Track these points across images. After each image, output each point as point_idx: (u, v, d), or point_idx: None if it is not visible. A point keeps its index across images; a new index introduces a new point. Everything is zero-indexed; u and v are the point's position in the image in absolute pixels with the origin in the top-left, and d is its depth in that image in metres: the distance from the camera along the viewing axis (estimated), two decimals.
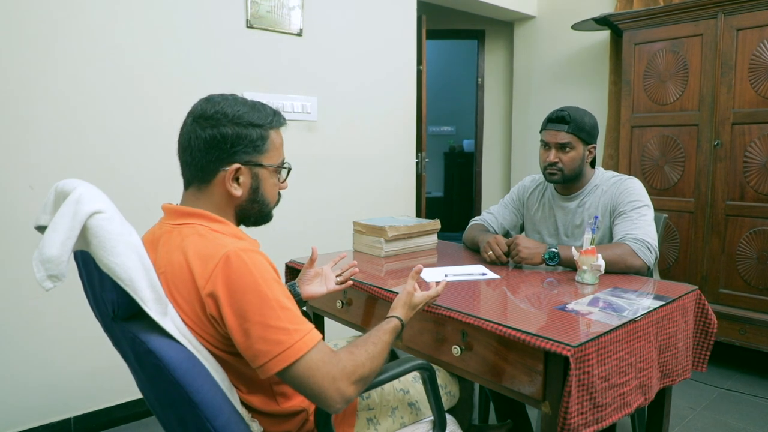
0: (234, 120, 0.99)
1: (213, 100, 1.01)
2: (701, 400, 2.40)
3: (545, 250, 1.66)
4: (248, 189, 1.03)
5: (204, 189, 1.02)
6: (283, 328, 0.88)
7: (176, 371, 0.85)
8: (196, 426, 0.88)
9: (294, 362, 0.87)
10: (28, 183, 1.94)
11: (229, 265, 0.89)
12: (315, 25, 2.67)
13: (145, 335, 0.86)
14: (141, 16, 2.14)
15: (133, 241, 0.84)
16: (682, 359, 1.42)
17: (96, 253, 0.82)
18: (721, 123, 2.61)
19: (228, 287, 0.88)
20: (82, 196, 0.81)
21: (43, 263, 0.77)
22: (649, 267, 1.65)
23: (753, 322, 2.50)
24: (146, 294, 0.84)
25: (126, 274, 0.82)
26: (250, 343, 0.88)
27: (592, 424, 1.11)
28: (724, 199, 2.62)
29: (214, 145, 0.98)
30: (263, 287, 0.89)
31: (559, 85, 3.89)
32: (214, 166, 1.00)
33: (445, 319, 1.29)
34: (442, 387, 1.33)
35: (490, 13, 3.98)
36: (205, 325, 0.93)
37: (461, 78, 6.75)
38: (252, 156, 1.02)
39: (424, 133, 3.51)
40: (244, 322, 0.88)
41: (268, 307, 0.88)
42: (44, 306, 2.00)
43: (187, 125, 1.01)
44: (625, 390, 1.19)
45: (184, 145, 1.01)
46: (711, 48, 2.62)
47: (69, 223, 0.79)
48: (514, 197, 2.07)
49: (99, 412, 2.16)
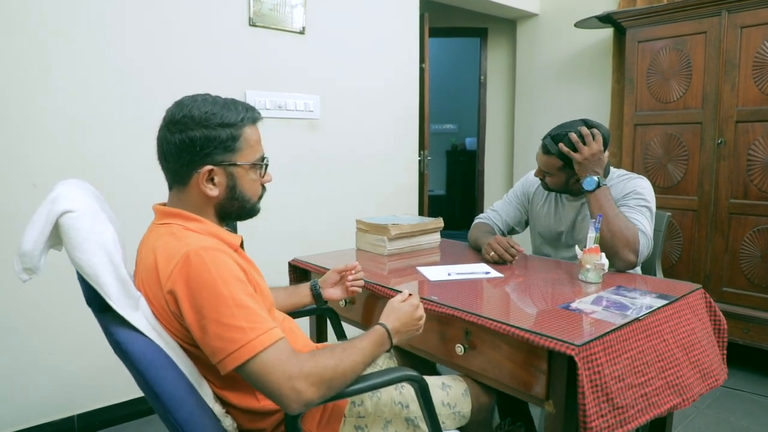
0: (202, 123, 1.00)
1: (182, 104, 1.02)
2: (704, 398, 2.39)
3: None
4: (224, 188, 1.05)
5: (183, 190, 1.05)
6: (237, 326, 0.89)
7: (139, 363, 0.90)
8: (163, 415, 0.93)
9: (248, 360, 0.88)
10: (32, 181, 1.94)
11: (188, 263, 0.91)
12: (317, 24, 2.66)
13: (114, 327, 0.92)
14: (143, 14, 2.14)
15: (103, 240, 0.90)
16: (713, 357, 1.37)
17: (67, 249, 0.89)
18: (724, 121, 2.60)
19: (186, 284, 0.91)
20: (59, 196, 0.89)
21: (20, 257, 0.86)
22: (634, 264, 1.64)
23: (756, 321, 2.49)
24: (111, 289, 0.89)
25: (91, 270, 0.88)
26: (207, 339, 0.90)
27: (616, 427, 1.07)
28: (728, 198, 2.61)
29: (184, 149, 1.00)
30: (220, 285, 0.90)
31: (562, 83, 3.88)
32: (187, 170, 1.02)
33: (449, 318, 1.29)
34: (450, 406, 1.26)
35: (493, 10, 3.97)
36: (171, 321, 0.96)
37: (464, 76, 6.73)
38: (224, 156, 1.02)
39: (427, 131, 3.50)
40: (201, 318, 0.90)
41: (225, 305, 0.89)
42: (47, 304, 2.00)
43: (160, 131, 1.03)
44: (647, 390, 1.16)
45: (159, 151, 1.04)
46: (714, 46, 2.61)
47: (43, 221, 0.87)
48: (519, 192, 2.06)
49: (102, 410, 2.17)
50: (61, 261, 2.00)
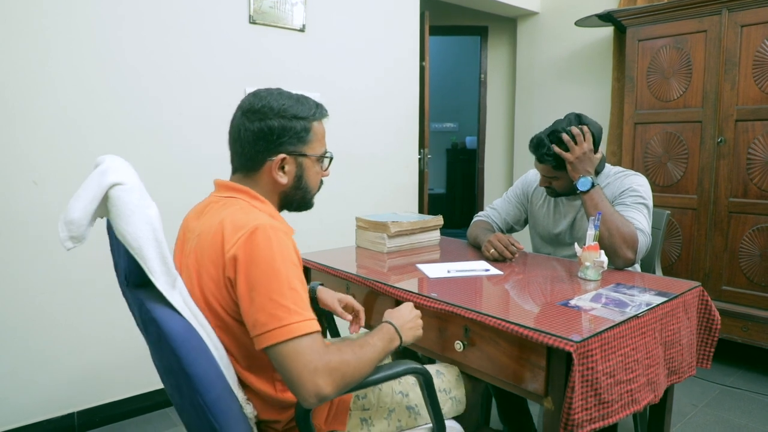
0: (279, 113, 1.08)
1: (260, 95, 1.10)
2: (703, 397, 2.40)
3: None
4: (293, 177, 1.13)
5: (251, 176, 1.11)
6: (285, 306, 0.91)
7: (174, 342, 0.89)
8: (189, 396, 0.92)
9: (285, 341, 0.90)
10: (32, 179, 1.94)
11: (254, 236, 0.95)
12: (318, 21, 2.66)
13: (151, 304, 0.91)
14: (143, 12, 2.14)
15: (149, 214, 0.90)
16: (687, 356, 1.42)
17: (113, 221, 0.89)
18: (724, 120, 2.60)
19: (248, 255, 0.94)
20: (108, 168, 0.89)
21: (66, 224, 0.85)
22: (633, 262, 1.65)
23: (755, 319, 2.50)
24: (154, 264, 0.89)
25: (137, 243, 0.88)
26: (253, 311, 0.92)
27: (598, 420, 1.10)
28: (727, 196, 2.61)
29: (261, 136, 1.07)
30: (279, 264, 0.93)
31: (562, 81, 3.88)
32: (262, 157, 1.09)
33: (448, 315, 1.29)
34: (446, 392, 1.30)
35: (494, 9, 3.97)
36: (222, 287, 0.98)
37: (464, 74, 6.73)
38: (296, 146, 1.11)
39: (427, 130, 3.50)
40: (252, 290, 0.92)
41: (278, 283, 0.92)
42: (47, 302, 2.01)
43: (237, 118, 1.11)
44: (632, 387, 1.18)
45: (234, 137, 1.11)
46: (715, 44, 2.61)
47: (93, 191, 0.87)
48: (518, 191, 2.06)
49: (102, 407, 2.17)
50: (60, 261, 2.01)
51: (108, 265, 2.11)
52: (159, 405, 2.31)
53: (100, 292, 2.09)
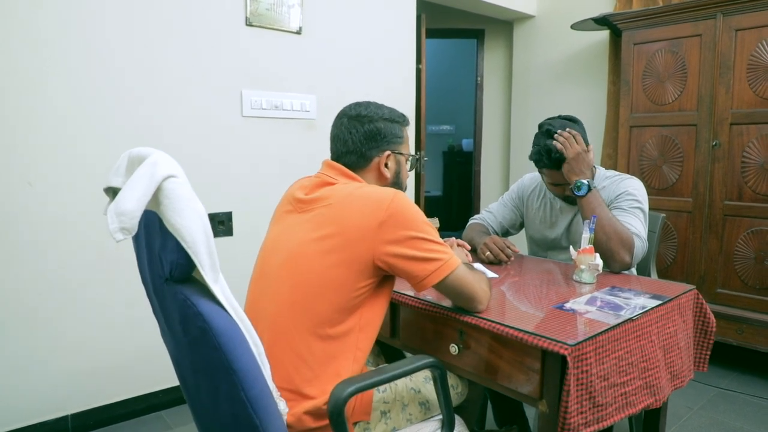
0: (384, 117, 1.28)
1: (362, 104, 1.30)
2: (698, 399, 2.40)
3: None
4: (393, 173, 1.31)
5: (359, 172, 1.28)
6: (438, 250, 1.14)
7: (221, 337, 0.89)
8: (230, 393, 0.92)
9: (449, 274, 1.15)
10: (27, 180, 1.93)
11: (398, 200, 1.13)
12: (314, 24, 2.66)
13: (196, 298, 0.90)
14: (139, 13, 2.13)
15: (199, 209, 0.90)
16: (685, 359, 1.42)
17: (165, 213, 0.87)
18: (719, 123, 2.61)
19: (399, 216, 1.12)
20: (158, 161, 0.88)
21: (118, 215, 0.83)
22: (629, 265, 1.65)
23: (750, 322, 2.51)
24: (204, 259, 0.89)
25: (190, 237, 0.87)
26: (411, 262, 1.12)
27: (593, 424, 1.11)
28: (722, 199, 2.62)
29: (371, 137, 1.27)
30: (421, 222, 1.14)
31: (558, 84, 3.90)
32: (371, 153, 1.28)
33: (443, 318, 1.29)
34: (453, 387, 1.35)
35: (490, 12, 3.98)
36: (361, 250, 1.12)
37: (460, 77, 6.74)
38: (396, 146, 1.31)
39: (423, 132, 3.51)
40: (404, 243, 1.11)
41: (427, 234, 1.14)
42: (42, 304, 2.00)
43: (344, 124, 1.29)
44: (627, 390, 1.19)
45: (343, 139, 1.28)
46: (710, 48, 2.62)
47: (147, 182, 0.86)
48: (514, 195, 2.06)
49: (96, 410, 2.16)
50: (54, 263, 1.99)
51: (102, 267, 2.12)
52: (153, 408, 2.30)
53: (94, 294, 2.08)
